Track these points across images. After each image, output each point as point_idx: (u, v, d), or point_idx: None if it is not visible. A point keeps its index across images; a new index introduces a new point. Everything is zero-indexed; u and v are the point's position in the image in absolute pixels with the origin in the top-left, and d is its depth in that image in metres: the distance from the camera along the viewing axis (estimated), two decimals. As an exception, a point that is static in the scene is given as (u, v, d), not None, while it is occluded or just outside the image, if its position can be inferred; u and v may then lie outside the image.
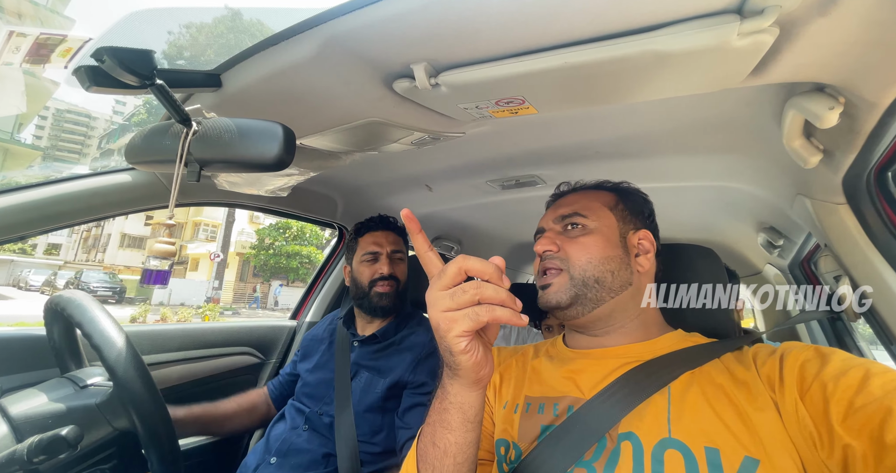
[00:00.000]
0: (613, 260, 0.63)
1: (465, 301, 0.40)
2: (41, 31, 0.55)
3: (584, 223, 0.66)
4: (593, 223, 0.66)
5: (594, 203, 0.69)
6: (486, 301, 0.40)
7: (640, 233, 0.68)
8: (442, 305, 0.41)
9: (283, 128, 0.58)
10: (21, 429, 0.62)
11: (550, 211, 0.73)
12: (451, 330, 0.41)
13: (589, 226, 0.66)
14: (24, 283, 22.90)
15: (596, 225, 0.66)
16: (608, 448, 0.51)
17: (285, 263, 18.32)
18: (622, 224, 0.68)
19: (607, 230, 0.66)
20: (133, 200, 0.92)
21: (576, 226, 0.67)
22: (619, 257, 0.64)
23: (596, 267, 0.62)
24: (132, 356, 0.67)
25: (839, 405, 0.43)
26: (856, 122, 0.57)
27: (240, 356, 1.36)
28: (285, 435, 1.01)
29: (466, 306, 0.40)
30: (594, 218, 0.67)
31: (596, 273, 0.62)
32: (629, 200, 0.71)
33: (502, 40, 0.55)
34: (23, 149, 12.03)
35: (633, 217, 0.69)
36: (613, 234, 0.66)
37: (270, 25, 0.68)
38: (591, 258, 0.63)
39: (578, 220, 0.67)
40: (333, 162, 1.00)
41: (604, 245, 0.64)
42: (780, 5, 0.43)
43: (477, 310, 0.40)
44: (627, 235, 0.67)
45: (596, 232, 0.65)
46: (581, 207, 0.68)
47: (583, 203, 0.69)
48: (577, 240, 0.65)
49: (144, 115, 22.94)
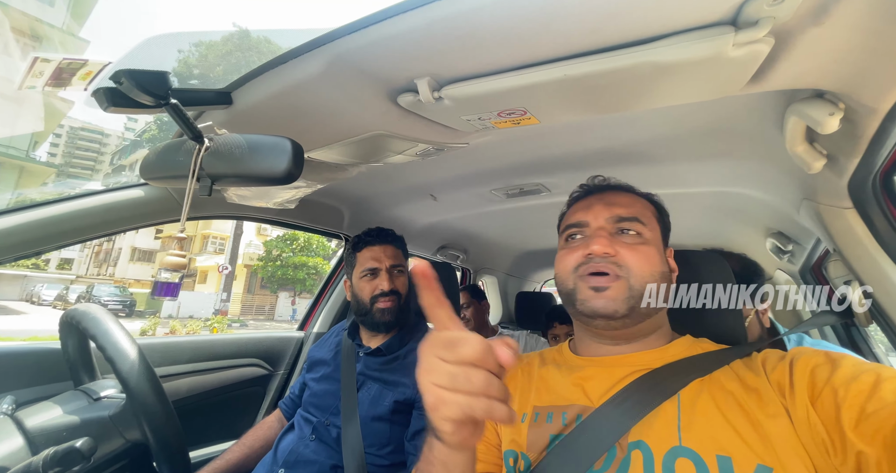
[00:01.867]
0: (665, 276, 0.61)
1: (465, 390, 0.35)
2: (64, 56, 0.58)
3: (642, 231, 0.62)
4: (649, 233, 0.62)
5: (648, 210, 0.65)
6: (487, 396, 0.35)
7: (668, 250, 0.67)
8: (436, 378, 0.36)
9: (292, 143, 0.59)
10: (36, 442, 0.63)
11: (600, 205, 0.65)
12: (437, 410, 0.36)
13: (645, 236, 0.62)
14: (36, 298, 23.23)
15: (651, 236, 0.62)
16: (618, 457, 0.51)
17: (292, 275, 18.41)
18: (663, 239, 0.65)
19: (658, 243, 0.63)
20: (146, 215, 0.95)
21: (629, 232, 0.62)
22: (667, 273, 0.62)
23: (657, 281, 0.59)
24: (144, 368, 0.68)
25: (851, 410, 0.42)
26: (857, 127, 0.57)
27: (248, 367, 1.37)
28: (293, 446, 1.01)
29: (465, 393, 0.35)
30: (651, 227, 0.63)
31: (654, 288, 0.59)
32: (664, 215, 0.69)
33: (503, 54, 0.56)
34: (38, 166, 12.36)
35: (665, 233, 0.67)
36: (661, 249, 0.63)
37: (277, 42, 0.70)
38: (653, 271, 0.59)
39: (637, 228, 0.62)
40: (340, 174, 1.02)
41: (659, 259, 0.61)
42: (773, 16, 0.44)
43: (473, 404, 0.35)
44: (665, 251, 0.66)
45: (652, 243, 0.62)
46: (639, 213, 0.63)
47: (639, 208, 0.64)
48: (637, 249, 0.60)
49: (156, 132, 23.44)
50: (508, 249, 2.23)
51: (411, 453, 0.95)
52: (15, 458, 0.60)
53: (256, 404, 1.42)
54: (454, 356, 0.36)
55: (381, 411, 0.99)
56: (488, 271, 2.48)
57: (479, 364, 0.35)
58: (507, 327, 2.05)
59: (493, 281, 2.54)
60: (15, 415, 0.66)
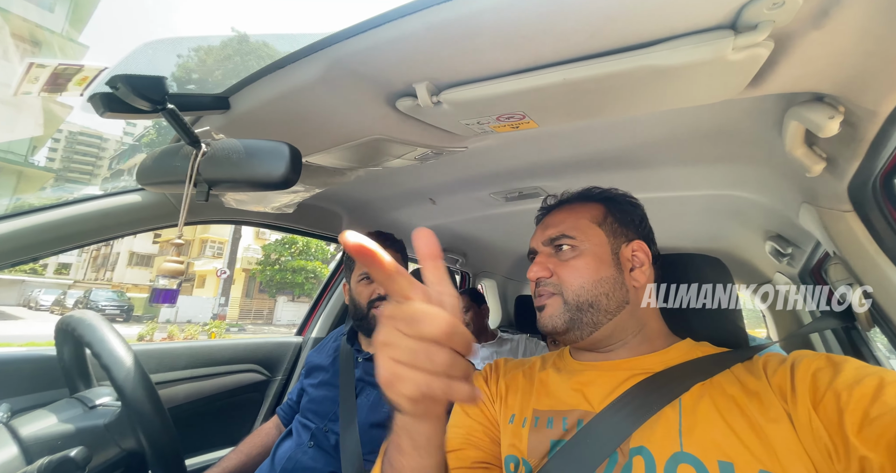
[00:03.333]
0: (607, 282, 0.62)
1: (426, 367, 0.32)
2: (59, 61, 0.58)
3: (574, 244, 0.65)
4: (583, 244, 0.64)
5: (581, 220, 0.67)
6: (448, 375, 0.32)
7: (632, 244, 0.66)
8: (395, 352, 0.32)
9: (290, 148, 0.59)
10: (31, 451, 0.62)
11: (539, 230, 0.71)
12: (392, 386, 0.33)
13: (579, 248, 0.64)
14: (34, 303, 23.13)
15: (586, 245, 0.64)
16: (620, 463, 0.50)
17: (291, 278, 18.38)
18: (613, 239, 0.66)
19: (598, 249, 0.64)
20: (143, 220, 0.94)
21: (563, 247, 0.65)
22: (612, 277, 0.63)
23: (589, 291, 0.61)
24: (140, 376, 0.68)
25: (854, 415, 0.42)
26: (857, 131, 0.57)
27: (246, 373, 1.36)
28: (290, 453, 1.00)
29: (424, 371, 0.32)
30: (583, 238, 0.65)
31: (589, 297, 0.61)
32: (618, 210, 0.69)
33: (502, 58, 0.56)
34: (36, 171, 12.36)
35: (623, 228, 0.67)
36: (605, 253, 0.64)
37: (275, 47, 0.70)
38: (584, 282, 0.62)
39: (567, 242, 0.65)
40: (338, 178, 1.02)
41: (596, 266, 0.63)
42: (773, 20, 0.44)
43: (432, 383, 0.32)
44: (620, 250, 0.65)
45: (586, 253, 0.64)
46: (568, 228, 0.66)
47: (570, 222, 0.67)
48: (569, 264, 0.63)
49: (154, 136, 23.47)
50: (507, 253, 2.22)
51: None
52: (9, 467, 0.59)
53: (254, 410, 1.40)
54: (416, 331, 0.32)
55: (379, 417, 0.98)
56: (487, 275, 2.47)
57: (444, 342, 0.32)
58: (507, 331, 2.04)
59: (493, 285, 2.54)
60: (9, 423, 0.66)
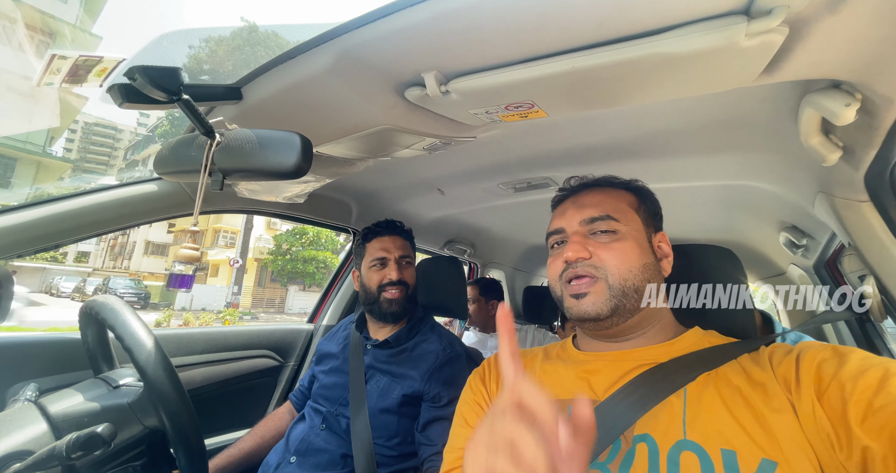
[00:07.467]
0: (650, 268, 0.61)
1: None
2: (80, 53, 0.59)
3: (616, 227, 0.62)
4: (625, 227, 0.62)
5: (621, 204, 0.65)
6: None
7: (658, 235, 0.66)
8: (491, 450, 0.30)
9: (301, 138, 0.60)
10: (59, 427, 0.65)
11: (574, 209, 0.66)
12: None
13: (621, 231, 0.62)
14: (55, 290, 23.87)
15: (627, 229, 0.62)
16: (623, 449, 0.51)
17: (302, 268, 18.61)
18: (646, 227, 0.65)
19: (638, 235, 0.62)
20: (159, 209, 0.97)
21: (603, 230, 0.62)
22: (653, 264, 0.62)
23: (636, 275, 0.59)
24: (161, 358, 0.70)
25: (858, 405, 0.42)
26: (874, 119, 0.56)
27: (259, 358, 1.40)
28: (304, 435, 1.03)
29: None
30: (625, 221, 0.63)
31: (636, 282, 0.59)
32: (648, 200, 0.69)
33: (510, 47, 0.56)
34: (55, 161, 12.63)
35: (652, 219, 0.67)
36: (643, 239, 0.63)
37: (285, 37, 0.70)
38: (632, 266, 0.59)
39: (610, 225, 0.62)
40: (348, 168, 1.03)
41: (639, 252, 0.61)
42: (787, 5, 0.43)
43: None
44: (652, 239, 0.65)
45: (629, 237, 0.62)
46: (611, 209, 0.63)
47: (611, 203, 0.65)
48: (612, 247, 0.61)
49: (167, 127, 23.71)
50: (516, 243, 2.22)
51: (423, 443, 0.97)
52: (39, 442, 0.62)
53: (268, 394, 1.45)
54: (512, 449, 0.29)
55: (389, 404, 1.01)
56: (495, 265, 2.48)
57: None
58: (515, 321, 2.05)
59: (501, 276, 2.54)
60: (38, 402, 0.69)
